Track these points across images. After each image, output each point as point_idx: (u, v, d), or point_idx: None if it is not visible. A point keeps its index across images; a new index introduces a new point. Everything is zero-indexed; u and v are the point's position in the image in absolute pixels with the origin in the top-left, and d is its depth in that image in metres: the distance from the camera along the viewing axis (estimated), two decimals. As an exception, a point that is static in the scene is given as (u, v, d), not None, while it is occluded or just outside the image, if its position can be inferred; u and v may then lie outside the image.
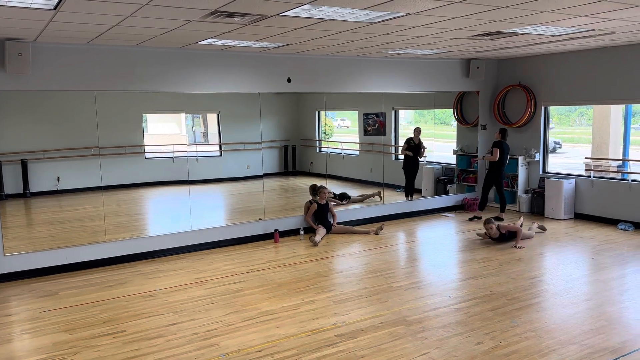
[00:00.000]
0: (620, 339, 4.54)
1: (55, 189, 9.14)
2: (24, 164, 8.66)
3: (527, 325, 4.85)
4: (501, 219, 9.06)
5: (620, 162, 10.61)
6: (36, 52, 6.52)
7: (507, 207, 9.42)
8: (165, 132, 11.42)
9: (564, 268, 6.63)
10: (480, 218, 9.26)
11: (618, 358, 4.19)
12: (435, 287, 6.02)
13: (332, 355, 4.31)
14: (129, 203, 10.14)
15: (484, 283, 6.07)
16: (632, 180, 8.68)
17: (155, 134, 11.02)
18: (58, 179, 9.13)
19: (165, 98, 9.49)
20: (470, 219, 9.52)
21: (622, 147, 11.00)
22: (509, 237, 7.75)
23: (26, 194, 8.81)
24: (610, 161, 10.94)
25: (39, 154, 8.81)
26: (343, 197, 10.22)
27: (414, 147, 10.12)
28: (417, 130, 10.14)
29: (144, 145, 10.12)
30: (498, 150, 9.10)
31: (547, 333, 4.70)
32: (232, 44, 7.08)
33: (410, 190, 10.29)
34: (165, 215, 9.91)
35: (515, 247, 7.54)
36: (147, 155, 10.25)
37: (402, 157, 10.46)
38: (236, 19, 5.40)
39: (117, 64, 7.09)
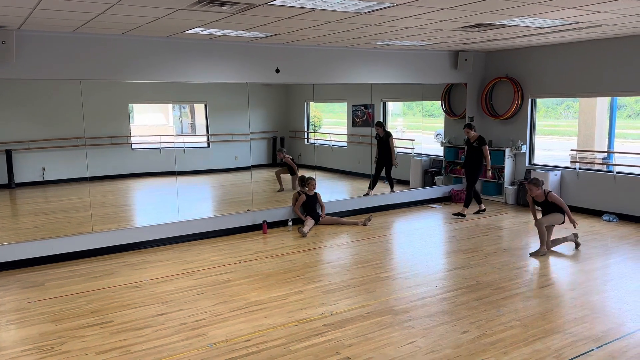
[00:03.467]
0: (603, 328, 4.61)
1: (41, 179, 9.05)
2: (9, 155, 8.55)
3: (512, 315, 4.91)
4: (463, 215, 9.03)
5: (605, 154, 10.74)
6: (20, 40, 6.43)
7: (492, 199, 9.50)
8: (152, 123, 11.33)
9: (549, 258, 6.71)
10: (464, 216, 9.05)
11: (601, 346, 4.26)
12: (422, 277, 6.07)
13: (320, 345, 4.34)
14: (115, 194, 10.07)
15: (470, 273, 6.12)
16: (617, 172, 8.79)
17: (142, 125, 10.94)
18: (43, 169, 9.03)
19: (152, 88, 9.40)
20: (475, 213, 9.25)
21: (607, 139, 11.13)
22: (551, 208, 6.87)
23: (11, 185, 8.71)
24: (595, 153, 11.07)
25: (24, 144, 8.71)
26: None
27: (379, 140, 10.01)
28: (377, 124, 10.04)
29: (130, 136, 10.04)
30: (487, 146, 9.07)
31: (532, 322, 4.76)
32: (219, 33, 7.03)
33: (375, 182, 10.10)
34: (153, 207, 9.86)
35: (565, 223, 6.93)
36: (134, 146, 10.17)
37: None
38: (223, 8, 5.36)
39: (103, 52, 7.01)
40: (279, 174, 10.47)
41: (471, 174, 9.17)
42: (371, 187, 10.01)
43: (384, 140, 9.96)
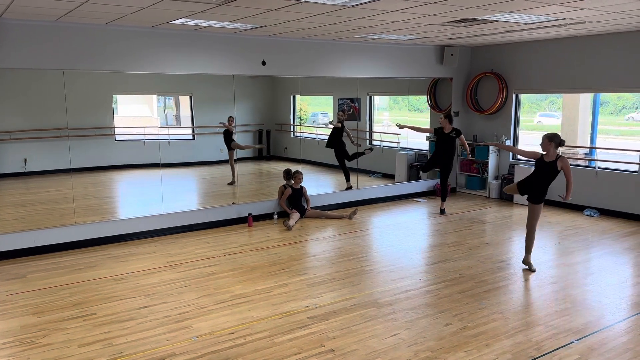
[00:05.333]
0: (583, 320, 4.69)
1: (23, 170, 8.93)
2: (-10, 145, 8.42)
3: (495, 307, 4.97)
4: (443, 210, 8.90)
5: (588, 149, 10.86)
6: (2, 29, 6.31)
7: (477, 193, 9.55)
8: (137, 114, 11.21)
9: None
10: (444, 211, 8.91)
11: (581, 338, 4.34)
12: (406, 270, 6.11)
13: (304, 337, 4.35)
14: (99, 186, 9.97)
15: (453, 266, 6.18)
16: (599, 168, 8.91)
17: (126, 116, 10.82)
18: (25, 160, 8.91)
19: (136, 79, 9.30)
20: (441, 213, 8.96)
21: (589, 135, 11.26)
22: (551, 171, 5.78)
23: (-8, 176, 8.59)
24: (578, 149, 11.19)
25: (5, 135, 8.57)
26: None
27: (337, 130, 9.94)
28: (337, 114, 9.92)
29: (114, 127, 9.94)
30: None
31: (514, 315, 4.82)
32: (205, 24, 6.97)
33: (347, 173, 9.98)
34: (137, 199, 9.78)
35: (560, 196, 6.07)
36: (118, 138, 10.07)
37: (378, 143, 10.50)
38: (210, -1, 5.31)
39: (87, 42, 6.91)
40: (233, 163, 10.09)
41: (445, 166, 8.86)
42: (348, 179, 9.93)
43: (338, 131, 9.85)
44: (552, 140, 5.80)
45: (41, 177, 9.09)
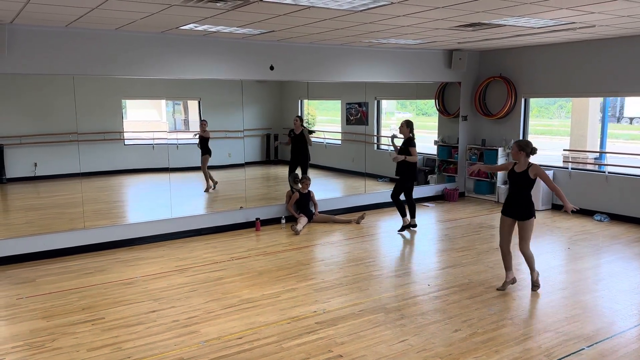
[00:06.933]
0: (594, 327, 4.65)
1: (33, 175, 8.97)
2: (0, 150, 8.48)
3: (504, 313, 4.94)
4: (414, 225, 8.11)
5: (597, 154, 10.80)
6: (13, 35, 6.37)
7: (485, 197, 9.47)
8: (145, 119, 11.26)
9: (541, 258, 6.72)
10: (415, 226, 8.11)
11: (592, 345, 4.29)
12: (415, 275, 6.08)
13: (312, 342, 4.34)
14: (108, 190, 10.01)
15: (462, 272, 6.14)
16: (609, 173, 8.84)
17: (135, 121, 10.86)
18: (35, 165, 8.96)
19: (145, 84, 9.34)
20: (399, 231, 8.06)
21: (599, 139, 11.19)
22: (526, 180, 5.27)
23: (2, 180, 8.64)
24: (587, 153, 11.13)
25: (15, 140, 8.63)
26: None
27: (294, 137, 9.44)
28: (296, 119, 9.44)
29: (123, 132, 9.97)
30: (415, 148, 7.80)
31: (523, 321, 4.78)
32: (214, 29, 7.00)
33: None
34: (145, 203, 9.81)
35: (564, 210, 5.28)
36: (127, 142, 10.11)
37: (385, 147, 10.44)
38: (218, 4, 5.33)
39: (97, 48, 6.96)
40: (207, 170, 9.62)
41: (408, 179, 7.94)
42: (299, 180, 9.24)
43: (299, 137, 9.42)
44: (522, 149, 5.29)
45: (51, 182, 9.13)
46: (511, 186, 5.45)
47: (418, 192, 10.45)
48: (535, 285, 5.54)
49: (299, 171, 9.35)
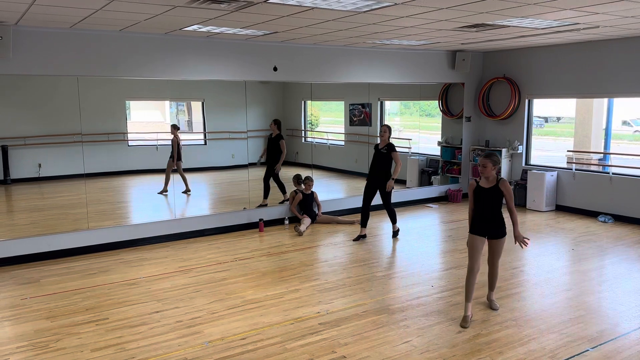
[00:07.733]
0: (598, 328, 4.63)
1: (37, 175, 9.00)
2: (5, 150, 8.51)
3: (508, 315, 4.93)
4: (396, 232, 7.78)
5: (602, 155, 10.75)
6: (18, 36, 6.40)
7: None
8: (149, 120, 11.28)
9: (545, 259, 6.73)
10: (365, 237, 7.67)
11: (596, 346, 4.28)
12: (418, 276, 6.08)
13: (316, 343, 4.34)
14: (111, 191, 10.03)
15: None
16: (613, 174, 8.82)
17: (139, 122, 10.89)
18: (39, 165, 8.99)
19: (149, 85, 9.36)
20: (355, 240, 7.63)
21: (603, 140, 11.15)
22: (497, 196, 4.80)
23: (7, 181, 8.67)
24: (591, 154, 11.09)
25: (19, 140, 8.66)
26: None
27: (270, 140, 9.24)
28: (272, 123, 9.21)
29: (127, 133, 10.00)
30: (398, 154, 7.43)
31: (527, 322, 4.77)
32: (217, 30, 7.02)
33: (267, 192, 9.19)
34: (149, 204, 9.83)
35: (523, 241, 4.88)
36: (130, 143, 10.13)
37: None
38: (222, 5, 5.35)
39: (101, 49, 6.99)
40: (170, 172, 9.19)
41: (383, 187, 7.52)
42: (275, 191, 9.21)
43: (275, 141, 9.24)
44: (497, 163, 4.80)
45: (55, 182, 9.16)
46: (481, 204, 4.82)
47: (422, 193, 10.46)
48: (494, 308, 5.05)
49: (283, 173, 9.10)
